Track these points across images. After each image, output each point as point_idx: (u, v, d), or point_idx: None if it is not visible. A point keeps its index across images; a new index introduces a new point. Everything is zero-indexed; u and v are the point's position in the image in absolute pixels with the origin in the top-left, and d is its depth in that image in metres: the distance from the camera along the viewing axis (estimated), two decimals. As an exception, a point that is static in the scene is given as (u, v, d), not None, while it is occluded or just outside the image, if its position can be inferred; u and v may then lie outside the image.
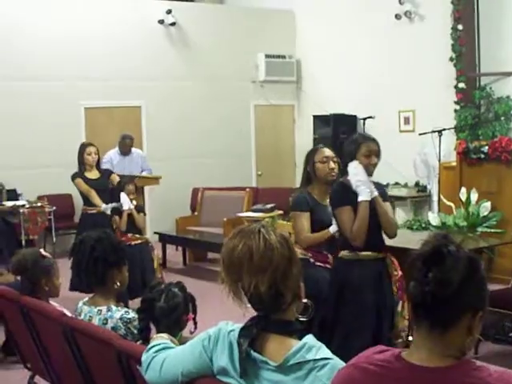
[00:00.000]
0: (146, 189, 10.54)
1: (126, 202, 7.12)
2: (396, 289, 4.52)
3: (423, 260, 1.72)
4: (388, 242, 4.54)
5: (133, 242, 7.03)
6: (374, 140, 4.51)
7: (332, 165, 4.84)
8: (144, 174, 9.36)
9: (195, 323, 2.90)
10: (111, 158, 9.47)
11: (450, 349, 1.70)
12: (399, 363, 1.74)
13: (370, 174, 4.44)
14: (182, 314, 2.83)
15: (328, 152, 4.88)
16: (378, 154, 4.48)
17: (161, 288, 2.89)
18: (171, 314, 2.79)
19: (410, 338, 1.76)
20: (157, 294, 2.85)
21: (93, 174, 7.69)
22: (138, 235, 7.18)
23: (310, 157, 4.92)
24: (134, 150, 9.74)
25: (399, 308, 4.54)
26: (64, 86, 10.79)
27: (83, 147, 7.78)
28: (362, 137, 4.59)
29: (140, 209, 7.36)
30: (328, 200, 4.78)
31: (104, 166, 8.48)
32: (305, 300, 2.20)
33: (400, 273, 4.49)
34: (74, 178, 7.69)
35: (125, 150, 9.57)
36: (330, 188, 4.79)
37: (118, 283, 3.30)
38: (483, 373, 1.64)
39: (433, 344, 1.70)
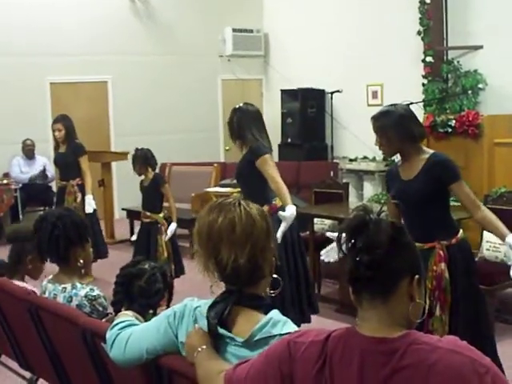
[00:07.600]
0: (114, 164, 10.49)
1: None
2: (431, 286, 3.81)
3: (348, 232, 1.75)
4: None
5: (144, 220, 6.62)
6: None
7: None
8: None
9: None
10: (18, 163, 10.25)
11: (395, 318, 1.71)
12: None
13: None
14: (159, 301, 2.83)
15: None
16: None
17: (144, 267, 2.85)
18: (150, 298, 2.77)
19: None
20: (139, 272, 2.82)
21: (61, 149, 7.68)
22: (148, 213, 6.58)
23: None
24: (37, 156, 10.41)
25: (437, 312, 3.82)
26: (27, 61, 10.60)
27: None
28: None
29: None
30: None
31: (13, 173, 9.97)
32: (274, 276, 2.19)
33: (441, 268, 3.83)
34: None
35: (28, 154, 10.33)
36: None
37: (82, 261, 3.26)
38: (432, 339, 1.66)
39: (379, 314, 1.72)
